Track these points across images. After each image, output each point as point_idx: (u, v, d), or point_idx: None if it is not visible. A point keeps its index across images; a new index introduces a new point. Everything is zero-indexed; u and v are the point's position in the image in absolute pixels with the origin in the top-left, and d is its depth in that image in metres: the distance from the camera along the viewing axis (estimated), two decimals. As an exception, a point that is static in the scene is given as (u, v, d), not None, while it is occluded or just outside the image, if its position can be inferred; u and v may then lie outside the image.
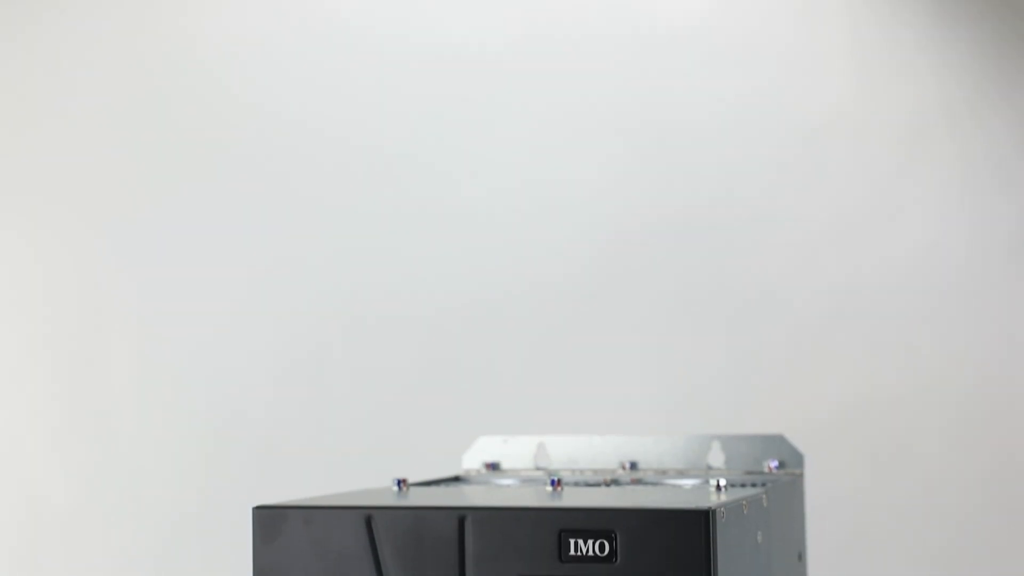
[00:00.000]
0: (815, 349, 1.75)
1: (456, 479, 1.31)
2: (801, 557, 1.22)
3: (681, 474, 1.29)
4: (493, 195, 1.87)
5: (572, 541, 0.93)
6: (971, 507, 1.69)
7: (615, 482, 1.26)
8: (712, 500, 0.96)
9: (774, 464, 1.26)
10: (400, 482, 1.12)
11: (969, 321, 1.71)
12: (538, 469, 1.33)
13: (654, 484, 1.24)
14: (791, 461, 1.27)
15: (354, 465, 1.79)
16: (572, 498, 1.04)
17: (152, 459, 1.92)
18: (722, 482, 1.05)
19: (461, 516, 0.95)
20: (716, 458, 1.29)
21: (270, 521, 0.99)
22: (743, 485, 1.16)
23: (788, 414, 1.70)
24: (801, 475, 1.26)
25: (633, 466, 1.31)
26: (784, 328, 1.76)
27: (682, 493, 1.12)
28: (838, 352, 1.74)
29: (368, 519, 0.97)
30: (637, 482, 1.26)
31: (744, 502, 0.99)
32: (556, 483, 1.09)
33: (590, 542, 0.92)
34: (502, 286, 1.85)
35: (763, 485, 1.13)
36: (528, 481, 1.28)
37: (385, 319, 1.87)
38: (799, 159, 1.79)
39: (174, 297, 1.93)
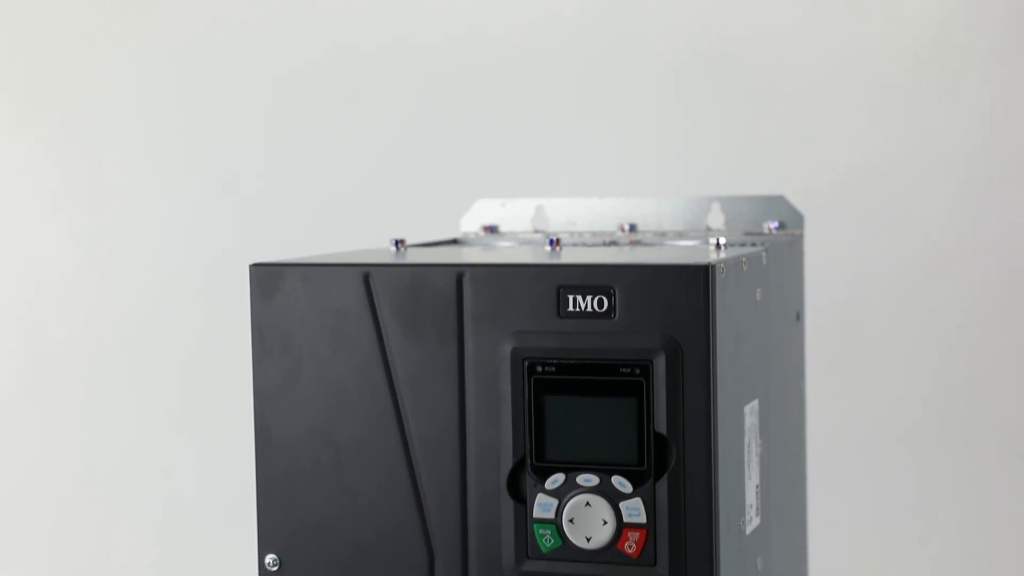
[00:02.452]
0: (818, 111, 1.72)
1: (454, 241, 1.31)
2: (799, 317, 1.23)
3: (680, 236, 1.29)
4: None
5: (571, 297, 0.93)
6: (971, 272, 1.69)
7: (614, 243, 1.26)
8: (711, 257, 0.96)
9: (774, 225, 1.26)
10: (398, 242, 1.11)
11: (974, 84, 1.69)
12: (536, 232, 1.33)
13: (653, 245, 1.24)
14: (791, 222, 1.26)
15: (349, 229, 1.78)
16: (571, 256, 1.04)
17: (149, 217, 1.91)
18: (721, 241, 1.05)
19: (459, 273, 0.95)
20: (716, 220, 1.29)
21: (267, 279, 0.98)
22: (743, 245, 1.15)
23: (789, 176, 1.69)
24: (801, 236, 1.26)
25: (632, 228, 1.30)
26: (787, 89, 1.73)
27: (681, 251, 1.12)
28: (841, 114, 1.72)
29: (366, 276, 0.97)
30: (636, 243, 1.26)
31: (743, 259, 0.99)
32: (555, 242, 1.09)
33: (588, 298, 0.92)
34: (501, 44, 1.81)
35: (763, 245, 1.13)
36: (527, 243, 1.29)
37: (381, 78, 1.84)
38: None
39: (170, 52, 1.90)
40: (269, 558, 1.00)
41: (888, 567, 1.71)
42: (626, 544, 0.92)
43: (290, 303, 0.98)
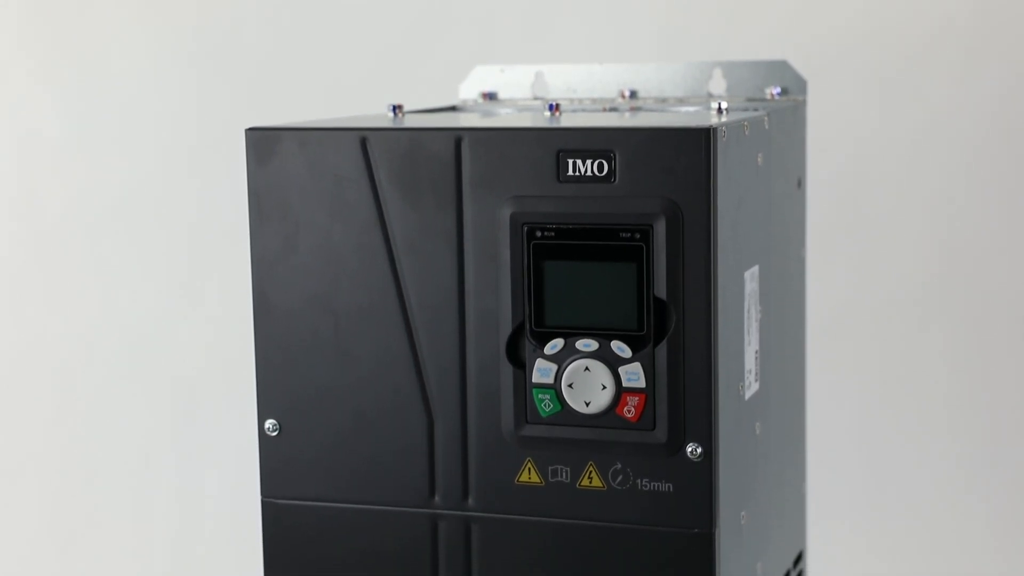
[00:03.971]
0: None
1: (452, 108, 1.30)
2: (800, 184, 1.22)
3: (681, 102, 1.27)
4: None
5: (570, 161, 0.92)
6: (976, 138, 1.68)
7: (614, 110, 1.25)
8: (713, 120, 0.95)
9: (776, 91, 1.24)
10: (395, 108, 1.10)
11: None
12: (536, 99, 1.31)
13: (654, 111, 1.23)
14: (794, 88, 1.24)
15: (347, 97, 1.76)
16: (571, 120, 1.03)
17: (143, 82, 1.88)
18: (723, 105, 1.03)
19: (458, 137, 0.94)
20: (717, 86, 1.27)
21: (264, 143, 0.97)
22: (744, 111, 1.14)
23: (792, 40, 1.66)
24: (804, 102, 1.24)
25: (633, 94, 1.29)
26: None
27: (682, 115, 1.11)
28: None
29: (363, 141, 0.96)
30: (636, 109, 1.25)
31: (745, 123, 0.98)
32: (554, 107, 1.07)
33: (588, 162, 0.91)
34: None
35: (765, 110, 1.12)
36: (526, 109, 1.27)
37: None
38: None
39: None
40: (269, 423, 1.00)
41: (886, 431, 1.72)
42: (625, 409, 0.92)
43: (287, 168, 0.97)
